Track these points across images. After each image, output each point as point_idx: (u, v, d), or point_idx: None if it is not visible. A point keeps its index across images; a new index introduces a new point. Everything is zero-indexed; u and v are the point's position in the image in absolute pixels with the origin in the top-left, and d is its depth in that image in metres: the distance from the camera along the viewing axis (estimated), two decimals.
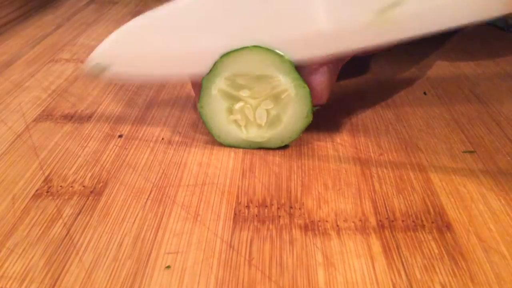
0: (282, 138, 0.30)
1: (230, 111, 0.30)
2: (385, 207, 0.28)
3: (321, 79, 0.30)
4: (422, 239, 0.26)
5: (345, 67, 0.34)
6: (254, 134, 0.31)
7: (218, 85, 0.29)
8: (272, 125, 0.30)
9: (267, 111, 0.30)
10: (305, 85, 0.29)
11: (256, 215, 0.28)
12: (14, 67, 0.48)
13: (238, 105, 0.30)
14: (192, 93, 0.42)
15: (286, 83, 0.28)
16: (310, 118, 0.29)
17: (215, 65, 0.29)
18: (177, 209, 0.28)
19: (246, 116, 0.30)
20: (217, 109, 0.30)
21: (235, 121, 0.30)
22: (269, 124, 0.30)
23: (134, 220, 0.27)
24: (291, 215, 0.28)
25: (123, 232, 0.26)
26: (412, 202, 0.28)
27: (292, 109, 0.29)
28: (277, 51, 0.28)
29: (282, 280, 0.23)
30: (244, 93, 0.30)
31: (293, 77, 0.28)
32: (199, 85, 0.31)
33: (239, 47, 0.28)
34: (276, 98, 0.29)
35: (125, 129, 0.36)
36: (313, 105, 0.30)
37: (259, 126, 0.30)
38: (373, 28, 0.27)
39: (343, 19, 0.27)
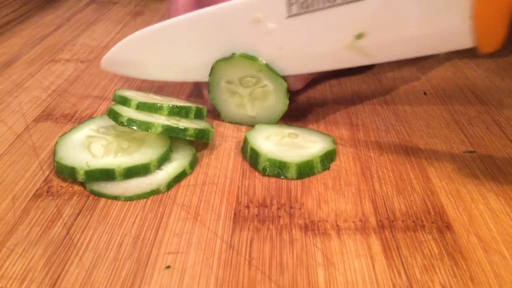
0: (269, 118, 0.36)
1: (233, 99, 0.36)
2: (385, 207, 0.28)
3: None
4: (422, 239, 0.26)
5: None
6: (249, 112, 0.36)
7: (222, 84, 0.36)
8: (261, 108, 0.36)
9: (255, 98, 0.36)
10: (283, 81, 0.34)
11: (256, 215, 0.28)
12: (14, 67, 0.48)
13: (237, 96, 0.36)
14: (191, 91, 0.42)
15: (266, 80, 0.34)
16: (286, 106, 0.35)
17: (213, 68, 0.35)
18: (177, 209, 0.28)
19: (242, 102, 0.36)
20: (224, 98, 0.36)
21: (238, 105, 0.36)
22: (258, 109, 0.36)
23: (134, 220, 0.27)
24: (291, 215, 0.28)
25: (123, 232, 0.26)
26: (412, 202, 0.28)
27: (272, 98, 0.35)
28: (256, 57, 0.34)
29: (282, 280, 0.23)
30: (239, 89, 0.35)
31: (271, 76, 0.34)
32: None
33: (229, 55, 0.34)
34: (260, 90, 0.35)
35: None
36: (289, 91, 0.35)
37: (251, 109, 0.36)
38: (348, 52, 0.31)
39: (327, 42, 0.31)
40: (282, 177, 0.30)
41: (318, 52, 0.32)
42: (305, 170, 0.30)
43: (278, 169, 0.30)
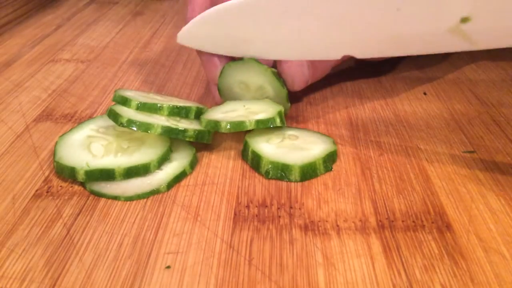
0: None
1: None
2: (385, 207, 0.28)
3: (289, 64, 0.35)
4: (422, 239, 0.26)
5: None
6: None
7: (234, 85, 0.36)
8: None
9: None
10: (282, 88, 0.35)
11: (256, 215, 0.28)
12: (14, 67, 0.48)
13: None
14: (191, 90, 0.42)
15: (268, 86, 0.35)
16: (287, 107, 0.36)
17: (223, 70, 0.36)
18: (177, 209, 0.28)
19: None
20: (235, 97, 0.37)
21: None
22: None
23: (134, 220, 0.27)
24: (291, 215, 0.28)
25: (123, 232, 0.26)
26: (412, 202, 0.28)
27: (273, 98, 0.36)
28: (261, 63, 0.34)
29: (282, 280, 0.23)
30: (247, 92, 0.36)
31: (272, 83, 0.35)
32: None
33: (240, 59, 0.35)
34: (262, 94, 0.36)
35: None
36: (288, 92, 0.36)
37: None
38: (450, 37, 0.28)
39: (428, 24, 0.29)
40: (285, 179, 0.30)
41: (417, 34, 0.29)
42: (308, 172, 0.30)
43: (281, 171, 0.30)
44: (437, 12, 0.28)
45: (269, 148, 0.32)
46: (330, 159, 0.31)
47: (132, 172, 0.29)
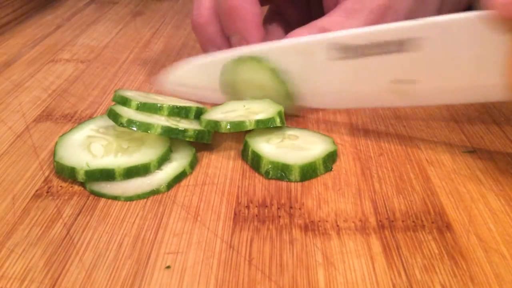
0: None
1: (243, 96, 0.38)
2: (385, 207, 0.28)
3: None
4: (422, 239, 0.26)
5: None
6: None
7: (235, 84, 0.37)
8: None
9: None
10: (282, 85, 0.35)
11: (256, 215, 0.28)
12: (14, 67, 0.48)
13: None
14: None
15: (269, 82, 0.36)
16: (290, 102, 0.36)
17: (223, 68, 0.37)
18: (177, 209, 0.28)
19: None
20: (238, 95, 0.38)
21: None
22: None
23: (134, 220, 0.27)
24: (291, 215, 0.28)
25: (123, 232, 0.26)
26: (412, 202, 0.28)
27: (275, 96, 0.36)
28: (262, 58, 0.35)
29: (282, 280, 0.23)
30: (249, 88, 0.37)
31: (274, 79, 0.35)
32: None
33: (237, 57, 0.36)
34: (265, 90, 0.36)
35: None
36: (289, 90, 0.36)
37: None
38: (387, 95, 0.33)
39: (367, 84, 0.34)
40: (285, 179, 0.30)
41: (357, 92, 0.34)
42: (308, 172, 0.30)
43: (281, 171, 0.30)
44: (372, 76, 0.33)
45: (269, 148, 0.32)
46: (330, 159, 0.31)
47: (132, 172, 0.29)
